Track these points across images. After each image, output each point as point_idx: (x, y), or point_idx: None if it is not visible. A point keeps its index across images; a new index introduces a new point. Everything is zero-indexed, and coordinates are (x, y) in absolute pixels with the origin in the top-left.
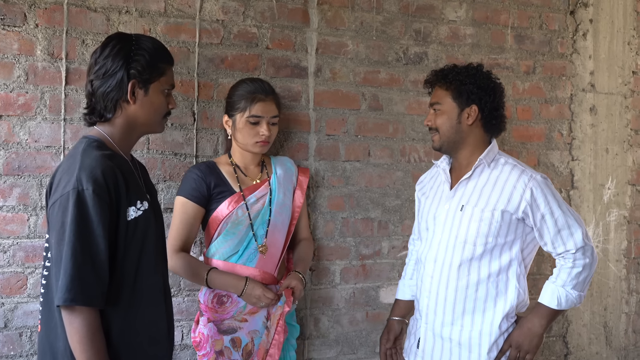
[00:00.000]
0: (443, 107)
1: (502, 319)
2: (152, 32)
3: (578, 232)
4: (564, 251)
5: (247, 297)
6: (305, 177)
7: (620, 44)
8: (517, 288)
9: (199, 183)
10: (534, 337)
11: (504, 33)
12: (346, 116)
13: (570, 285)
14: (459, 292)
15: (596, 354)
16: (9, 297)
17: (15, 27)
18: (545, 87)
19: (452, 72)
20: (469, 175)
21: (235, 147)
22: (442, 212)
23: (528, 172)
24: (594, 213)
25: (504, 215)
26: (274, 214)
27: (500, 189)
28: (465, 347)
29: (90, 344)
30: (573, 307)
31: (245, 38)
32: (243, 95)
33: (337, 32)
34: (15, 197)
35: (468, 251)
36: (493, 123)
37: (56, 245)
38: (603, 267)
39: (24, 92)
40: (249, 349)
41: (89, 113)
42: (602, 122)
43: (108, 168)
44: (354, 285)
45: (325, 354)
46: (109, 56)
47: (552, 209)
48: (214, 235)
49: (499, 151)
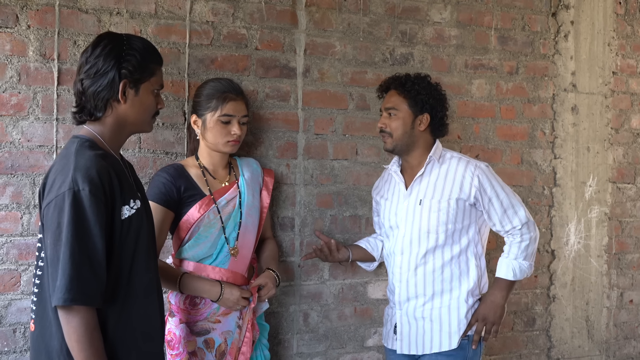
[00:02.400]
0: (399, 113)
1: (467, 294)
2: (142, 33)
3: (521, 210)
4: (511, 228)
5: (225, 302)
6: (271, 177)
7: (601, 45)
8: (476, 266)
9: (169, 187)
10: (497, 308)
11: (488, 34)
12: (334, 116)
13: (522, 257)
14: (427, 276)
15: (578, 347)
16: (3, 294)
17: (8, 28)
18: (528, 87)
19: (409, 82)
20: (422, 173)
21: (204, 148)
22: (402, 209)
23: (473, 162)
24: (575, 210)
25: (458, 202)
26: (245, 216)
27: (452, 180)
28: (437, 322)
29: (88, 342)
30: (526, 277)
31: (235, 39)
32: (214, 95)
33: (325, 33)
34: (9, 196)
35: (432, 240)
36: (440, 129)
37: (52, 246)
38: (585, 262)
39: (16, 92)
40: (222, 349)
41: (78, 112)
42: (584, 121)
43: (102, 168)
44: (343, 281)
45: (315, 349)
46: (100, 55)
47: (497, 192)
48: (184, 239)
49: (442, 148)
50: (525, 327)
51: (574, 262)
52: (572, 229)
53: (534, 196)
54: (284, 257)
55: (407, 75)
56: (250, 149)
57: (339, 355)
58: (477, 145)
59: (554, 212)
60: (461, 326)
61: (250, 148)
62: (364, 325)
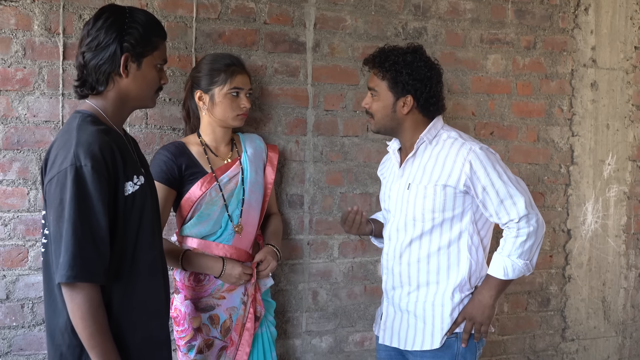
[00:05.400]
0: (379, 95)
1: (453, 290)
2: (149, 7)
3: (521, 200)
4: (508, 220)
5: (227, 278)
6: (275, 153)
7: (623, 18)
8: (469, 259)
9: (170, 165)
10: (485, 308)
11: (505, 8)
12: (344, 91)
13: (516, 255)
14: (412, 266)
15: (594, 328)
16: (10, 269)
17: (12, 2)
18: (546, 62)
19: (389, 60)
20: (412, 154)
21: (207, 125)
22: (394, 191)
23: (467, 145)
24: (593, 189)
25: (446, 189)
26: (248, 193)
27: (441, 165)
28: (420, 318)
29: (92, 319)
30: (523, 275)
31: (243, 13)
32: (221, 69)
33: (336, 7)
34: (15, 171)
35: (418, 228)
36: (430, 109)
37: (55, 223)
38: (602, 242)
39: (21, 67)
40: (227, 325)
41: (80, 85)
42: (603, 97)
43: (105, 143)
44: (352, 260)
45: (324, 327)
46: (101, 28)
47: (492, 180)
48: (186, 217)
49: (444, 126)
50: (540, 307)
51: (590, 241)
52: (589, 208)
53: (550, 174)
54: (292, 234)
55: (391, 51)
56: (259, 125)
57: (348, 333)
58: (491, 122)
59: (570, 191)
60: (444, 325)
61: (259, 124)
62: (374, 304)
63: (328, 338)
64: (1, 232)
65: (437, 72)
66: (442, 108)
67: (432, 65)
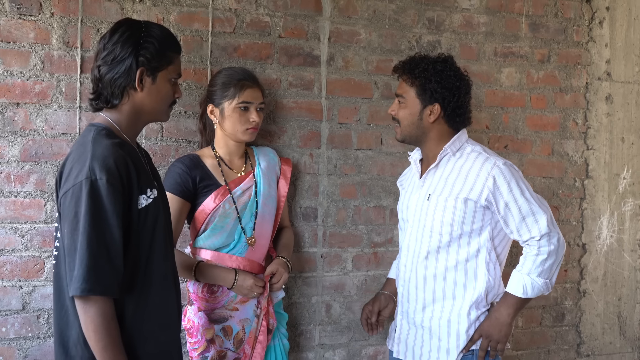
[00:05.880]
0: (406, 102)
1: (470, 307)
2: (165, 20)
3: (543, 218)
4: (529, 238)
5: (239, 289)
6: (288, 166)
7: (638, 31)
8: (486, 276)
9: (184, 177)
10: (503, 327)
11: (519, 21)
12: (358, 104)
13: (536, 273)
14: (428, 280)
15: (610, 344)
16: (27, 280)
17: (31, 16)
18: (560, 75)
19: (419, 67)
20: (435, 165)
21: (220, 138)
22: (412, 202)
23: (492, 160)
24: (608, 203)
25: (467, 203)
26: (261, 206)
27: (464, 177)
28: (436, 334)
29: (105, 332)
30: (541, 294)
31: (258, 27)
32: (231, 83)
33: (350, 20)
34: (33, 183)
35: (435, 240)
36: (456, 120)
37: (69, 235)
38: (617, 257)
39: (40, 80)
40: (240, 337)
41: (94, 99)
42: (618, 111)
43: (120, 157)
44: (366, 273)
45: (337, 340)
46: (117, 42)
47: (515, 197)
48: (200, 229)
49: (468, 139)
50: (554, 322)
51: (606, 256)
52: (604, 222)
53: (564, 188)
54: (306, 247)
55: (421, 59)
56: (273, 138)
57: (361, 347)
58: (505, 136)
59: (585, 205)
60: (460, 342)
61: (273, 137)
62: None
63: (341, 351)
64: (18, 243)
65: (466, 83)
66: (468, 120)
67: (462, 76)
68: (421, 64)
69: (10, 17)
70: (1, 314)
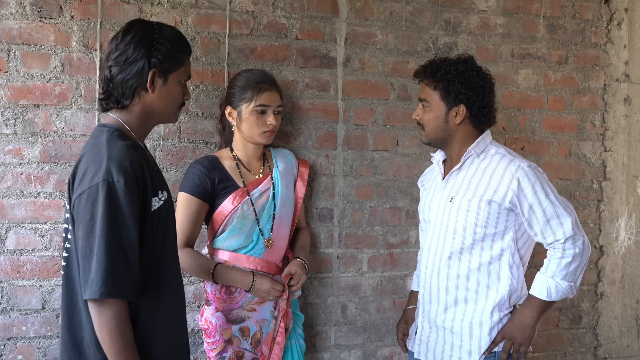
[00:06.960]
0: (431, 106)
1: (492, 309)
2: (183, 23)
3: (567, 221)
4: (553, 241)
5: (256, 292)
6: (306, 168)
7: None
8: (509, 278)
9: (203, 179)
10: (526, 329)
11: (536, 23)
12: (375, 106)
13: (560, 276)
14: (450, 282)
15: (627, 347)
16: (47, 279)
17: (52, 19)
18: (578, 77)
19: (440, 70)
20: (459, 166)
21: (238, 140)
22: (435, 203)
23: (516, 162)
24: (626, 205)
25: (490, 205)
26: (279, 208)
27: (488, 179)
28: (457, 336)
29: (120, 335)
30: (565, 297)
31: (275, 29)
32: (249, 85)
33: (366, 22)
34: (52, 184)
35: (458, 242)
36: (482, 120)
37: (84, 238)
38: (635, 259)
39: (60, 82)
40: (258, 337)
41: (104, 99)
42: (637, 112)
43: (135, 159)
44: (382, 274)
45: (353, 341)
46: (130, 43)
47: (539, 199)
48: (218, 230)
49: (492, 141)
50: (571, 324)
51: (623, 258)
52: (622, 224)
53: (582, 190)
54: (322, 248)
55: (442, 62)
56: (290, 139)
57: (377, 348)
58: (522, 137)
59: (603, 207)
60: (482, 344)
61: (290, 138)
62: None
63: (357, 352)
64: (38, 243)
65: (489, 82)
66: (493, 120)
67: (484, 74)
68: (442, 67)
69: (31, 20)
70: (21, 313)
